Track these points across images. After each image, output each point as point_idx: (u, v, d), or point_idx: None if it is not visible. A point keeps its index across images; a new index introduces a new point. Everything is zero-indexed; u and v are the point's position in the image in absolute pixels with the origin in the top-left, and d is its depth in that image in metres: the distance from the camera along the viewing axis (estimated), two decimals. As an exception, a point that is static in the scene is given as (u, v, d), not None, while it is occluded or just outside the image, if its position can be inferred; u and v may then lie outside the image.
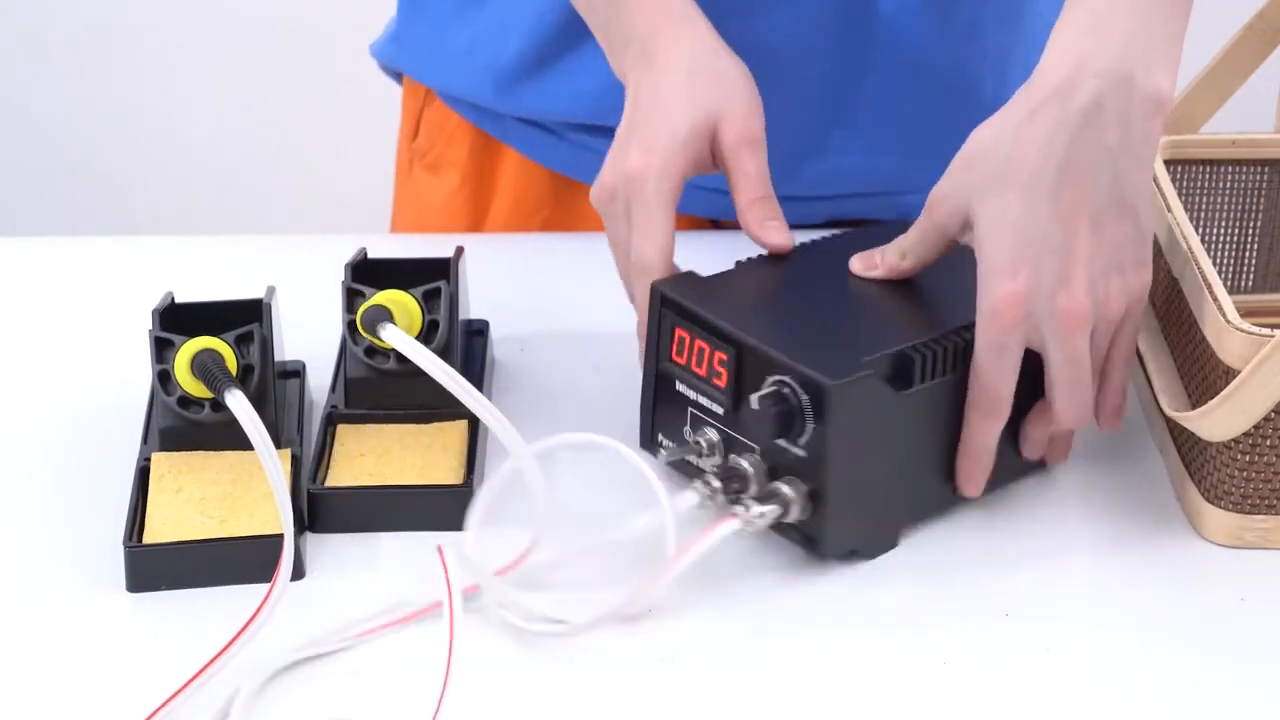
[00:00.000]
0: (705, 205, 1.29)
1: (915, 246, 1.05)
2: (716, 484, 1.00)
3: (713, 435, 1.03)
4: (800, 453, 0.98)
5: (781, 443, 0.99)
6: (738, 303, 1.04)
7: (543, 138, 1.35)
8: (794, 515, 0.98)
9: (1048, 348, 0.99)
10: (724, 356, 1.01)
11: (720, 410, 1.02)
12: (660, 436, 1.06)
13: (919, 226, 1.04)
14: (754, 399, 0.98)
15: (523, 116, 1.34)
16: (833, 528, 0.99)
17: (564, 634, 0.97)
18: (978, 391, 0.99)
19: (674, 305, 1.04)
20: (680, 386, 1.04)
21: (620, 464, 0.99)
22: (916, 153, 1.28)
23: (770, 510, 0.98)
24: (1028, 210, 0.97)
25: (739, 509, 0.98)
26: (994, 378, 0.99)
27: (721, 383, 1.01)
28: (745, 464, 1.00)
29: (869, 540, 1.02)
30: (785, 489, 0.98)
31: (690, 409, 1.03)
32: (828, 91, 1.29)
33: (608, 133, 1.13)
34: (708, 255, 1.10)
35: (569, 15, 1.25)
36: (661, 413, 1.05)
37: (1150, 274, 1.01)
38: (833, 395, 0.96)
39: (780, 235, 1.08)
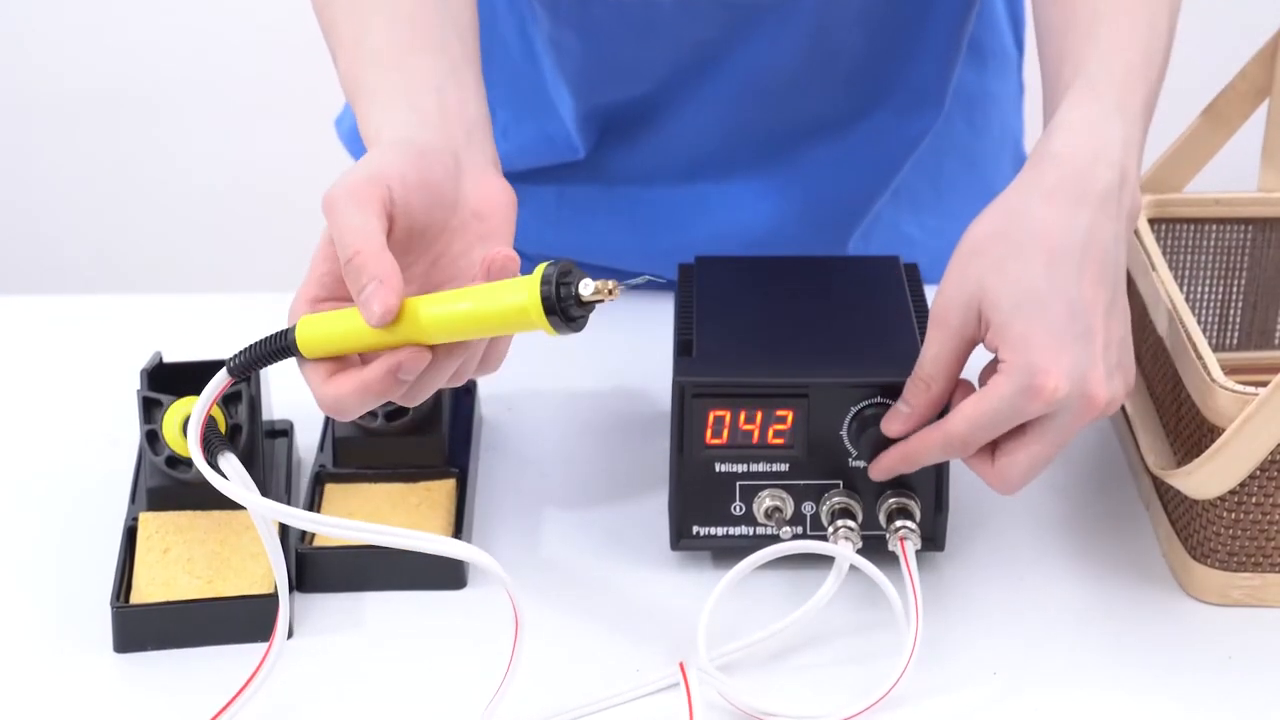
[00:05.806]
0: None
1: (935, 365, 0.97)
2: (846, 524, 1.02)
3: (781, 494, 1.04)
4: None
5: None
6: (760, 357, 1.04)
7: None
8: (917, 521, 1.03)
9: (1056, 421, 0.95)
10: (784, 412, 1.02)
11: (785, 466, 1.03)
12: (695, 529, 1.05)
13: (932, 341, 0.97)
14: (884, 427, 1.00)
15: None
16: (946, 518, 1.04)
17: None
18: (955, 438, 0.96)
19: (708, 391, 1.02)
20: (723, 467, 1.03)
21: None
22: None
23: (908, 525, 1.02)
24: (1054, 286, 0.93)
25: (850, 539, 1.01)
26: (983, 434, 0.95)
27: (783, 440, 1.02)
28: (849, 499, 1.03)
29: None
30: (909, 501, 1.03)
31: (739, 483, 1.04)
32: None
33: None
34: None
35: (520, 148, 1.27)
36: (695, 504, 1.05)
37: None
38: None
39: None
